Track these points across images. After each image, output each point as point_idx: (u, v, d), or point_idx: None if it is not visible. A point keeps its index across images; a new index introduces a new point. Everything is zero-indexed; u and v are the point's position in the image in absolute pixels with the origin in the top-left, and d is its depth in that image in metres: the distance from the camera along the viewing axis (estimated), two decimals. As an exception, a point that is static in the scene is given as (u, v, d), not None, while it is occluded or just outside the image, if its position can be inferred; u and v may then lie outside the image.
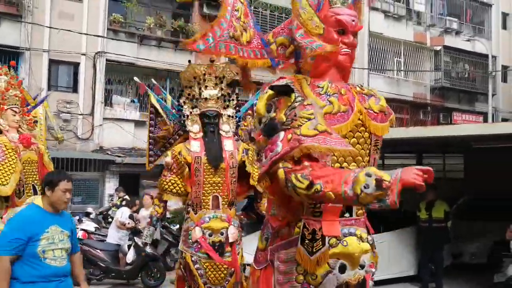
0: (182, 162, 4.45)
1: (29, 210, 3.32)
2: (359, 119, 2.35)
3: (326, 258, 2.28)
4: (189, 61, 4.76)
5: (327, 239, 2.28)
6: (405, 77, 19.77)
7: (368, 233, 2.51)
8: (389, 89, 18.70)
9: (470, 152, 9.72)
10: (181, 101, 4.77)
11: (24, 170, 5.05)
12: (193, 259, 4.49)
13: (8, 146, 4.91)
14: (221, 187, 4.54)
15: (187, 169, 4.44)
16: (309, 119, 2.11)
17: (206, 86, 4.65)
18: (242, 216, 5.31)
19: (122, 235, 8.38)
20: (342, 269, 2.33)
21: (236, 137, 4.91)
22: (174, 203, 10.89)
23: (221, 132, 4.66)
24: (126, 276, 7.67)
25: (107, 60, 13.66)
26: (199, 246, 4.47)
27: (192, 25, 14.88)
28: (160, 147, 4.93)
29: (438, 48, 20.28)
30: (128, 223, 8.27)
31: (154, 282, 7.68)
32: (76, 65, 13.56)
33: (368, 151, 2.41)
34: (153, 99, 4.98)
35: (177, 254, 8.79)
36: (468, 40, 20.81)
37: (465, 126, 11.60)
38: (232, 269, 4.56)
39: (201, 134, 4.62)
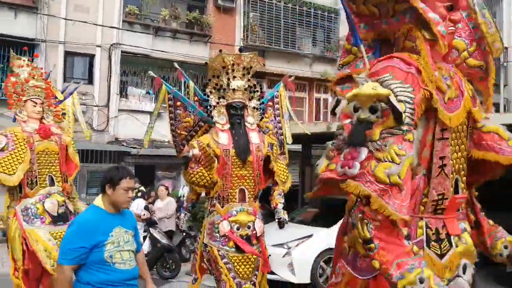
0: (211, 155, 4.31)
1: (92, 214, 3.04)
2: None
3: (456, 259, 2.07)
4: (220, 50, 4.63)
5: (452, 238, 2.09)
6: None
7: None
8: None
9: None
10: (207, 90, 4.62)
11: (39, 161, 5.05)
12: (220, 253, 4.38)
13: (18, 136, 4.94)
14: (247, 180, 4.45)
15: (216, 161, 4.32)
16: (393, 161, 1.81)
17: (234, 77, 4.50)
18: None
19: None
20: (464, 269, 2.13)
21: (259, 129, 4.76)
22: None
23: (246, 124, 4.53)
24: (142, 267, 7.73)
25: (122, 51, 13.75)
26: (226, 240, 4.37)
27: (207, 16, 14.92)
28: (183, 140, 4.82)
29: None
30: (144, 214, 8.34)
31: (170, 273, 7.69)
32: (91, 57, 13.68)
33: (465, 138, 2.19)
34: (165, 93, 4.85)
35: (192, 245, 8.92)
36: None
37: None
38: (259, 262, 4.47)
39: (228, 125, 4.49)
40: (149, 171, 13.46)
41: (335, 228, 7.16)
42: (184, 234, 8.91)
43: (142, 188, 10.55)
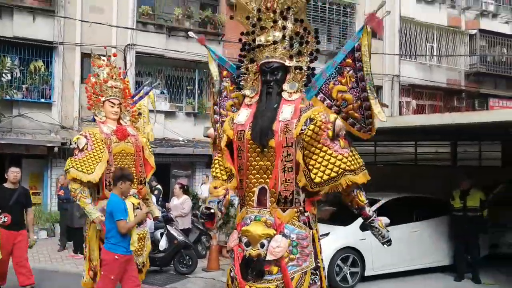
0: (223, 136, 3.24)
1: None
2: None
3: None
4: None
5: None
6: (438, 63, 19.22)
7: None
8: (422, 76, 18.32)
9: (508, 139, 9.38)
10: (241, 53, 3.38)
11: (116, 162, 5.07)
12: (231, 274, 3.21)
13: (97, 137, 4.98)
14: (270, 175, 3.07)
15: (223, 143, 3.27)
16: None
17: (262, 28, 3.14)
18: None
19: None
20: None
21: (322, 95, 3.32)
22: (205, 190, 11.08)
23: (283, 94, 3.17)
24: (159, 263, 7.81)
25: (136, 52, 13.83)
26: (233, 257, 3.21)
27: (220, 15, 14.87)
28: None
29: (474, 32, 19.62)
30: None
31: (186, 269, 7.80)
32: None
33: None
34: (212, 61, 3.62)
35: (208, 242, 8.96)
36: (506, 23, 20.06)
37: (502, 112, 11.22)
38: None
39: (257, 98, 3.24)
40: (164, 170, 13.51)
41: (353, 226, 7.16)
42: (199, 231, 8.94)
43: (159, 186, 10.62)
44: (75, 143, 5.06)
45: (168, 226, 7.90)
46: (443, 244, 7.92)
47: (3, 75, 11.57)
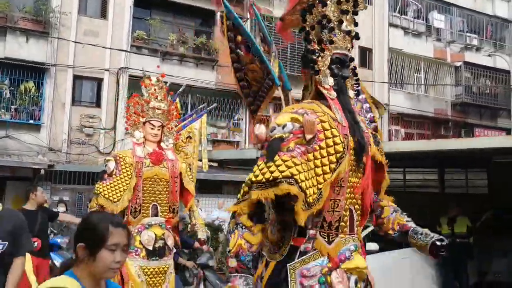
0: (336, 140, 2.29)
1: None
2: None
3: None
4: None
5: None
6: (425, 93, 19.66)
7: None
8: (410, 105, 18.65)
9: (493, 166, 9.57)
10: (306, 25, 2.48)
11: (145, 188, 4.73)
12: None
13: (126, 161, 4.66)
14: (357, 194, 2.46)
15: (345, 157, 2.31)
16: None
17: (345, 12, 2.46)
18: None
19: None
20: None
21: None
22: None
23: None
24: (147, 289, 7.66)
25: (130, 76, 13.90)
26: None
27: (214, 41, 15.12)
28: (257, 92, 2.93)
29: (459, 64, 20.17)
30: None
31: (174, 296, 7.65)
32: (99, 81, 13.85)
33: None
34: (225, 18, 3.00)
35: (196, 269, 8.80)
36: (489, 56, 20.65)
37: (487, 139, 11.45)
38: None
39: (334, 93, 2.45)
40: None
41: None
42: (187, 258, 8.80)
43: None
44: (105, 165, 4.76)
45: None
46: (432, 271, 7.91)
47: (-9, 95, 11.51)
